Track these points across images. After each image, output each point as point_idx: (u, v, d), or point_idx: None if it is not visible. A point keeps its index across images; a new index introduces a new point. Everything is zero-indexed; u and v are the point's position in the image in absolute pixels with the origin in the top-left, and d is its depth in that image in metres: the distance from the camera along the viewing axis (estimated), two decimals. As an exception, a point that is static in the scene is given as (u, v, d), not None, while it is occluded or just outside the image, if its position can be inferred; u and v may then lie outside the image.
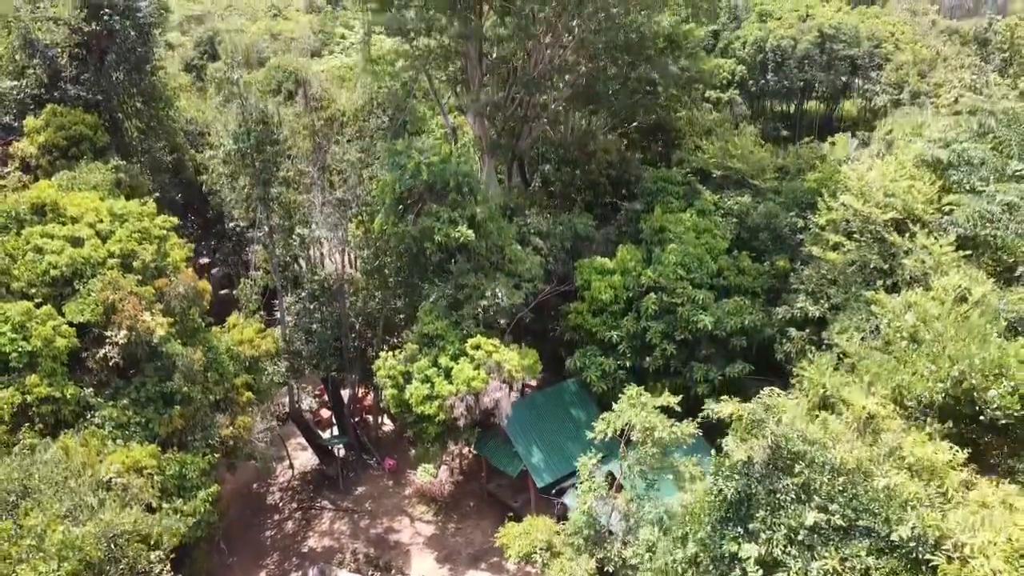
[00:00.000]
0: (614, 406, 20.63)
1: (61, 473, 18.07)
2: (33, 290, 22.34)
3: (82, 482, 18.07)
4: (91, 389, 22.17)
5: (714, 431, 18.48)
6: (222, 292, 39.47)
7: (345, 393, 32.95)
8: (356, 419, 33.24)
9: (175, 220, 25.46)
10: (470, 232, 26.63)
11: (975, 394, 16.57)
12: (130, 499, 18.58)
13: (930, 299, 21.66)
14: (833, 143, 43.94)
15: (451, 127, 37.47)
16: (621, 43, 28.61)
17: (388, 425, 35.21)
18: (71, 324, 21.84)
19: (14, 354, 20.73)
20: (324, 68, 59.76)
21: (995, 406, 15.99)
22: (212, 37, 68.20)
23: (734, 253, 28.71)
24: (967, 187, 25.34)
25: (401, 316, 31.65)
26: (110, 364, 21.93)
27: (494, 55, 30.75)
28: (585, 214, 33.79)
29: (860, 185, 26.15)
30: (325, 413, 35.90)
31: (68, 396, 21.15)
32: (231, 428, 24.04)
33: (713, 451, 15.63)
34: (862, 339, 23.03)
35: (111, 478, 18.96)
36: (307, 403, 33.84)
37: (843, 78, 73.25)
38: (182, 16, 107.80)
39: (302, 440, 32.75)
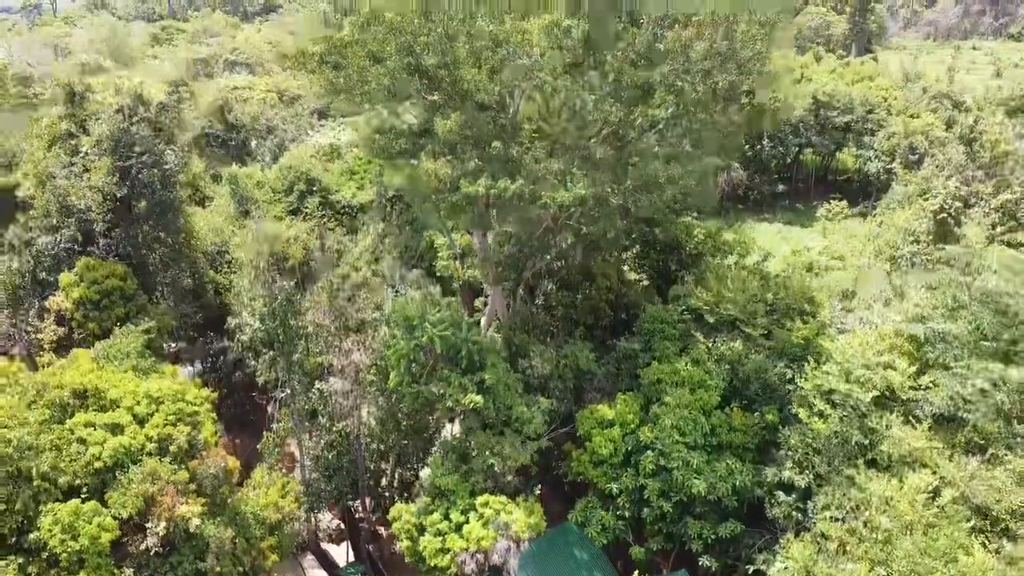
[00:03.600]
0: None
1: None
2: (78, 481, 24.27)
3: None
4: (131, 570, 24.16)
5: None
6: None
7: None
8: (370, 544, 35.17)
9: (207, 395, 27.39)
10: (479, 398, 28.60)
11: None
12: None
13: (903, 495, 23.63)
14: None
15: (458, 252, 39.43)
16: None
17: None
18: (114, 517, 23.79)
19: (64, 554, 22.69)
20: (326, 145, 61.51)
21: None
22: (222, 106, 69.86)
23: (727, 410, 30.58)
24: (943, 363, 27.24)
25: (413, 451, 33.60)
26: (151, 552, 23.89)
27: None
28: (586, 344, 35.66)
29: (843, 359, 28.00)
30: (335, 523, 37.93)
31: (114, 586, 23.10)
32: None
33: None
34: (843, 519, 25.08)
35: None
36: (324, 524, 35.74)
37: (836, 144, 75.33)
38: (189, 58, 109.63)
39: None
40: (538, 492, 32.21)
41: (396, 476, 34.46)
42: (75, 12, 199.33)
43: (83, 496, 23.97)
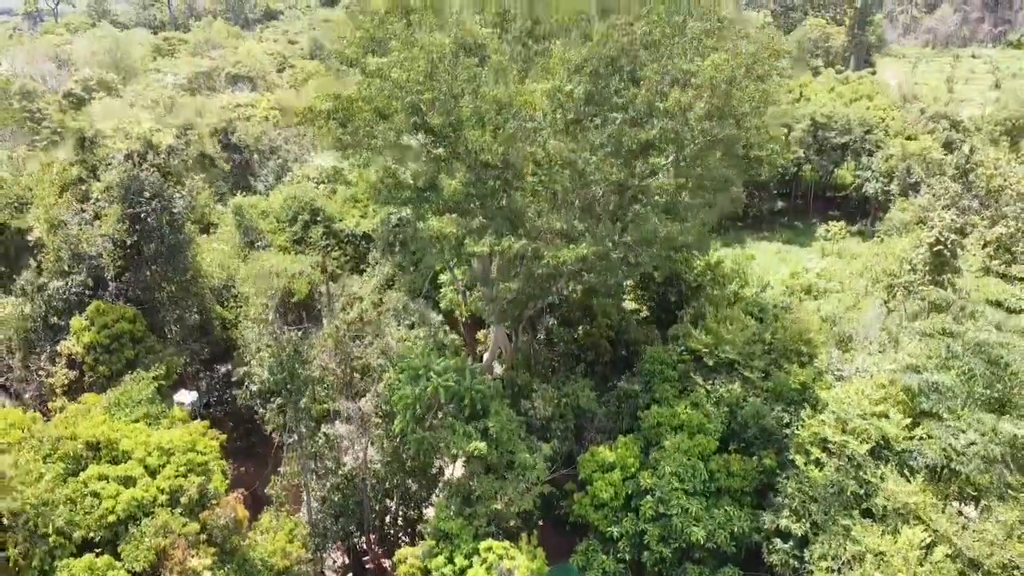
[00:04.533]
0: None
1: None
2: (92, 534, 24.90)
3: None
4: (143, 620, 24.83)
5: None
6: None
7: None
8: (375, 580, 35.83)
9: (218, 442, 28.05)
10: (482, 445, 29.23)
11: None
12: None
13: (897, 549, 24.28)
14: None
15: (462, 288, 40.04)
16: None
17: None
18: (128, 571, 24.43)
19: (80, 610, 23.35)
20: (328, 168, 61.95)
21: None
22: (227, 128, 70.41)
23: (725, 456, 31.20)
24: (936, 414, 27.88)
25: (417, 490, 34.24)
26: (163, 604, 24.56)
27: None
28: (587, 381, 36.27)
29: (838, 409, 28.63)
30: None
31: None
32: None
33: None
34: (839, 571, 25.74)
35: None
36: (329, 562, 36.37)
37: (834, 163, 75.98)
38: (191, 72, 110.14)
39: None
40: (540, 524, 32.94)
41: (400, 514, 35.11)
42: (76, 18, 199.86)
43: (97, 551, 24.60)
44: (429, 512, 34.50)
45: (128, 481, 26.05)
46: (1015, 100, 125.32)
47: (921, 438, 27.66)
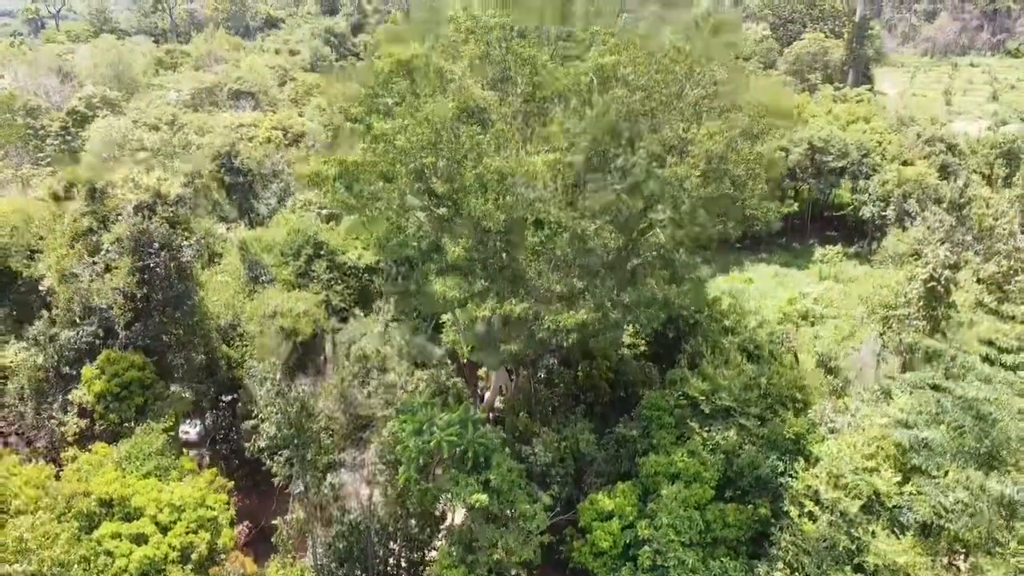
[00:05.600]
0: None
1: None
2: (106, 593, 25.73)
3: None
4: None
5: None
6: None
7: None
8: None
9: (226, 498, 28.84)
10: (484, 497, 30.01)
11: None
12: None
13: (887, 610, 25.06)
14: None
15: (463, 330, 40.78)
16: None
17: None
18: (141, 630, 25.28)
19: (95, 670, 24.15)
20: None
21: None
22: (230, 152, 71.04)
23: (721, 506, 31.99)
24: (926, 471, 28.63)
25: (420, 533, 35.03)
26: (175, 661, 25.40)
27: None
28: (586, 423, 37.07)
29: (831, 465, 29.41)
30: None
31: None
32: None
33: None
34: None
35: None
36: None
37: (831, 186, 76.82)
38: (193, 88, 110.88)
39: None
40: (540, 568, 33.74)
41: (403, 556, 35.89)
42: (78, 26, 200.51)
43: (111, 610, 25.43)
44: (431, 555, 35.29)
45: (140, 539, 26.82)
46: (1012, 113, 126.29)
47: (912, 494, 28.42)
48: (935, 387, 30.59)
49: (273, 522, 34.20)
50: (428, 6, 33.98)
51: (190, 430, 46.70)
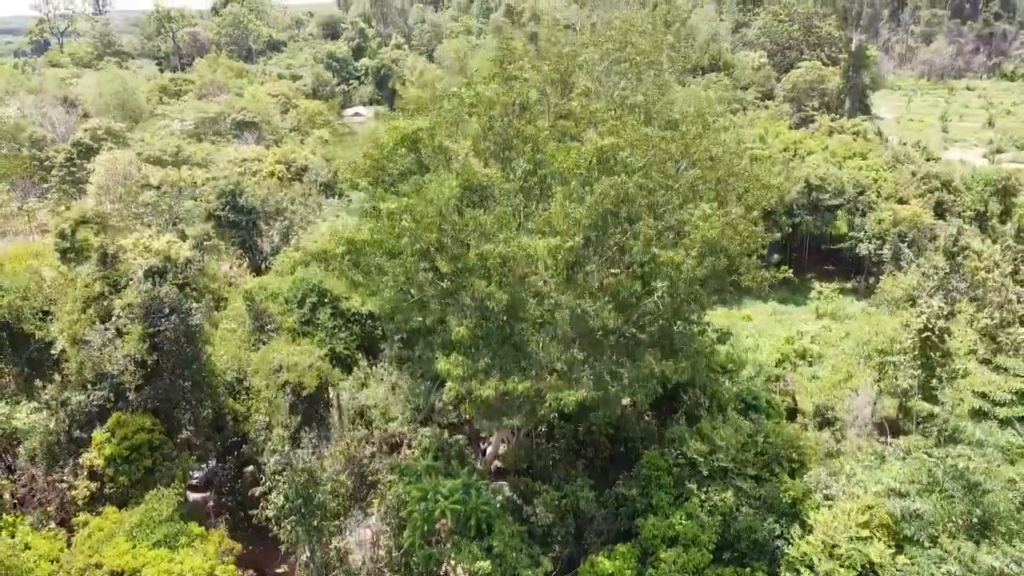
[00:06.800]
0: None
1: None
2: (119, 666, 26.41)
3: None
4: None
5: None
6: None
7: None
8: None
9: (233, 570, 29.55)
10: (487, 564, 30.74)
11: None
12: None
13: None
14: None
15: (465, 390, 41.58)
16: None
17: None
18: None
19: None
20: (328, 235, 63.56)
21: None
22: (234, 191, 71.95)
23: (718, 570, 32.66)
24: (919, 542, 29.38)
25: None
26: None
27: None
28: (586, 480, 37.77)
29: (825, 535, 30.13)
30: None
31: None
32: None
33: None
34: None
35: None
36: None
37: (827, 225, 77.81)
38: (196, 118, 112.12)
39: None
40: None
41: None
42: (82, 48, 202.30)
43: None
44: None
45: (151, 611, 27.52)
46: (1008, 142, 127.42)
47: (905, 565, 29.12)
48: (928, 458, 31.34)
49: (279, 572, 34.82)
50: (429, 84, 34.96)
51: (195, 473, 47.38)
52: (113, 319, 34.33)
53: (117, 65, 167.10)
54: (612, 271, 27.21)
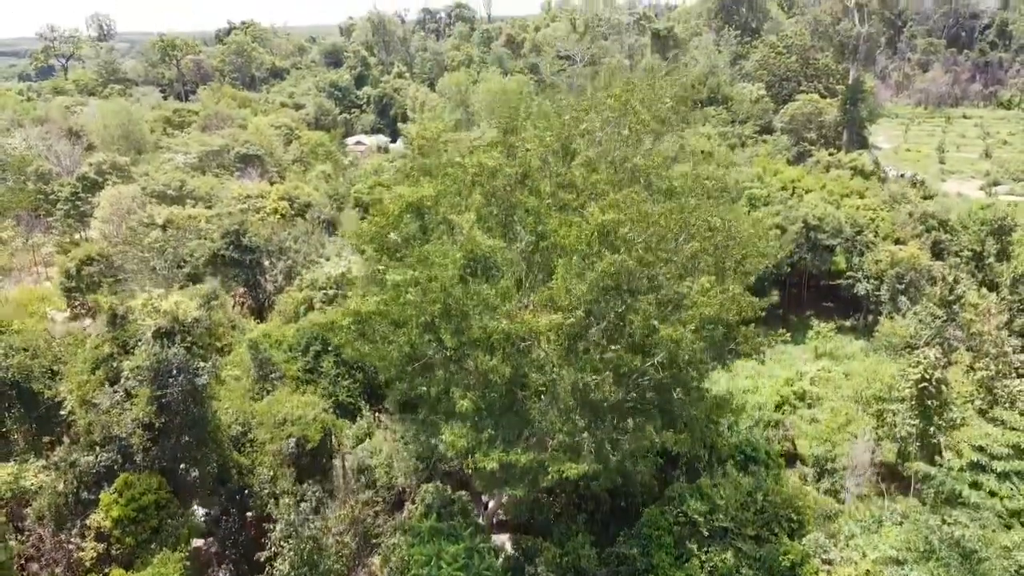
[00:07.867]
0: None
1: None
2: None
3: None
4: None
5: None
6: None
7: None
8: None
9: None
10: (490, 627, 31.20)
11: None
12: None
13: None
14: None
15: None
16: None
17: None
18: None
19: None
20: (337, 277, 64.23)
21: None
22: (238, 230, 72.70)
23: (718, 636, 33.12)
24: (915, 609, 29.82)
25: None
26: None
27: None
28: (587, 536, 38.16)
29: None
30: None
31: None
32: None
33: None
34: None
35: None
36: None
37: (825, 263, 78.55)
38: (200, 151, 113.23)
39: None
40: None
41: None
42: (86, 75, 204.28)
43: None
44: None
45: None
46: (1005, 174, 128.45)
47: (902, 633, 29.56)
48: (925, 524, 31.78)
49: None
50: (436, 150, 35.78)
51: (198, 511, 47.66)
52: (122, 381, 34.84)
53: (121, 93, 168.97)
54: (612, 347, 27.82)
